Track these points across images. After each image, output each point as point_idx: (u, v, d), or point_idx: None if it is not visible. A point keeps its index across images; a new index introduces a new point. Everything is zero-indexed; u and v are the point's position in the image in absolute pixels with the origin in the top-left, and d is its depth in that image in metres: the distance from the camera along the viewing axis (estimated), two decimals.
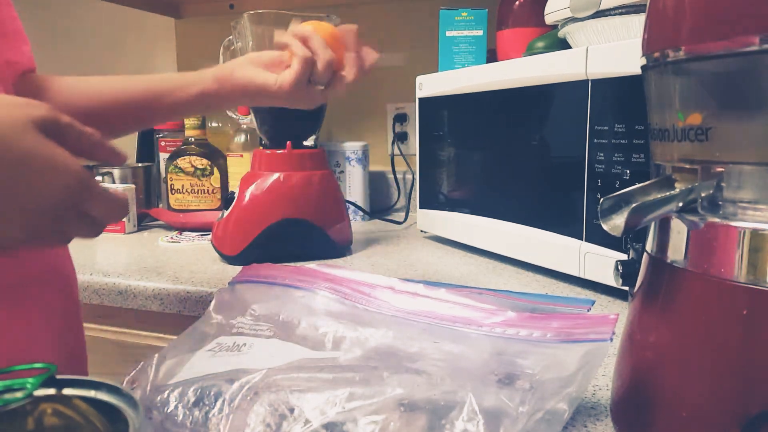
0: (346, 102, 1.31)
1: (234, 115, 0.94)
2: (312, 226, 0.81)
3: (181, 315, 0.69)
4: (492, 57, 0.96)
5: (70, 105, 0.60)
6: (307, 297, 0.46)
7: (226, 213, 0.82)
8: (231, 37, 0.86)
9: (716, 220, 0.30)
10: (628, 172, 0.58)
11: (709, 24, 0.29)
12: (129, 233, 1.05)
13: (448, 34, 0.93)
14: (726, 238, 0.29)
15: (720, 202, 0.30)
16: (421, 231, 0.99)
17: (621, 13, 0.63)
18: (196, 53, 1.48)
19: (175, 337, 0.45)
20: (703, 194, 0.30)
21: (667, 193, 0.31)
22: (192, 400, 0.36)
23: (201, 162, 1.14)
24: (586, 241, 0.64)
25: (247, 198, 0.80)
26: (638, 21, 0.62)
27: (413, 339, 0.39)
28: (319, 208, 0.82)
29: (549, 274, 0.73)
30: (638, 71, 0.35)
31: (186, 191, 1.14)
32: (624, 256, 0.58)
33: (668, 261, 0.33)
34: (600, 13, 0.64)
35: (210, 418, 0.34)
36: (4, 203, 0.34)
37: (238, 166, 1.12)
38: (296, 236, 0.80)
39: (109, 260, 0.84)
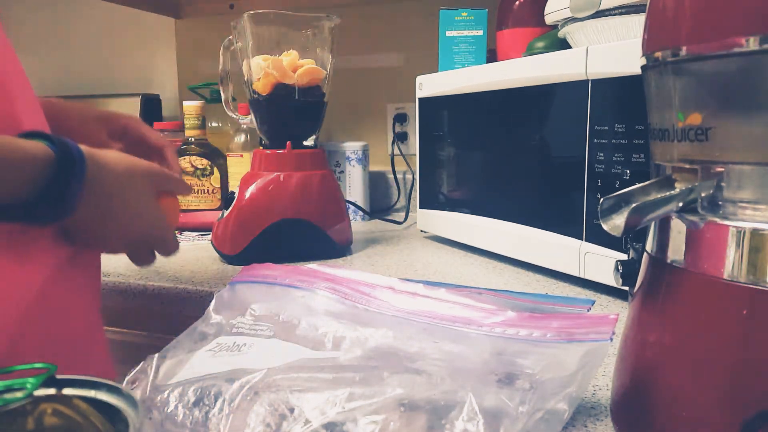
0: (346, 102, 1.31)
1: (234, 115, 0.93)
2: (312, 226, 0.81)
3: (181, 315, 0.69)
4: (492, 57, 0.96)
5: None
6: (307, 297, 0.46)
7: (226, 213, 0.82)
8: (231, 37, 0.86)
9: (716, 220, 0.30)
10: (628, 172, 0.58)
11: (709, 24, 0.29)
12: None
13: (448, 34, 0.93)
14: (726, 238, 0.29)
15: (720, 202, 0.30)
16: (421, 231, 0.99)
17: (621, 13, 0.63)
18: (196, 53, 1.48)
19: (175, 337, 0.45)
20: (703, 194, 0.30)
21: (667, 193, 0.31)
22: (192, 400, 0.36)
23: (201, 162, 1.14)
24: (586, 241, 0.64)
25: (247, 198, 0.80)
26: (638, 21, 0.62)
27: (413, 339, 0.39)
28: (319, 208, 0.82)
29: (549, 274, 0.73)
30: (638, 71, 0.35)
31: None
32: (624, 256, 0.58)
33: (668, 261, 0.33)
34: (600, 13, 0.64)
35: (210, 418, 0.34)
36: (119, 234, 0.52)
37: (238, 166, 1.12)
38: (296, 236, 0.80)
39: (109, 260, 0.84)
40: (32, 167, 0.41)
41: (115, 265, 0.80)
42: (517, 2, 0.94)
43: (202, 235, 1.01)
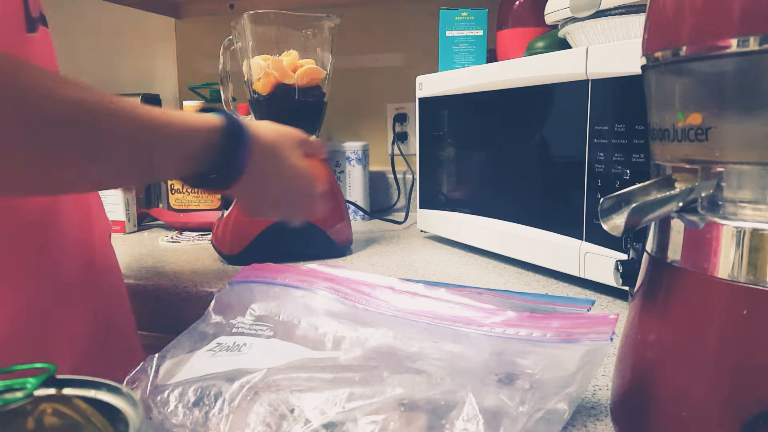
0: (346, 102, 1.31)
1: (234, 115, 0.93)
2: (312, 226, 0.81)
3: (181, 315, 0.69)
4: (492, 57, 0.96)
5: None
6: (307, 297, 0.46)
7: (226, 213, 0.82)
8: (231, 37, 0.86)
9: (716, 219, 0.30)
10: (628, 172, 0.58)
11: (709, 24, 0.29)
12: (129, 233, 1.05)
13: (448, 34, 0.93)
14: (726, 238, 0.29)
15: (720, 202, 0.30)
16: (421, 231, 0.99)
17: (621, 13, 0.63)
18: (196, 53, 1.48)
19: (175, 337, 0.45)
20: (703, 194, 0.30)
21: (667, 193, 0.31)
22: (192, 400, 0.36)
23: None
24: (586, 241, 0.64)
25: None
26: (638, 21, 0.62)
27: (413, 339, 0.39)
28: None
29: (549, 274, 0.73)
30: (638, 71, 0.35)
31: (186, 191, 1.14)
32: (624, 256, 0.58)
33: (668, 261, 0.33)
34: (600, 13, 0.64)
35: (210, 418, 0.34)
36: (277, 197, 0.56)
37: None
38: (296, 236, 0.80)
39: None
40: (208, 134, 0.47)
41: None
42: (517, 2, 0.94)
43: (202, 235, 1.01)
